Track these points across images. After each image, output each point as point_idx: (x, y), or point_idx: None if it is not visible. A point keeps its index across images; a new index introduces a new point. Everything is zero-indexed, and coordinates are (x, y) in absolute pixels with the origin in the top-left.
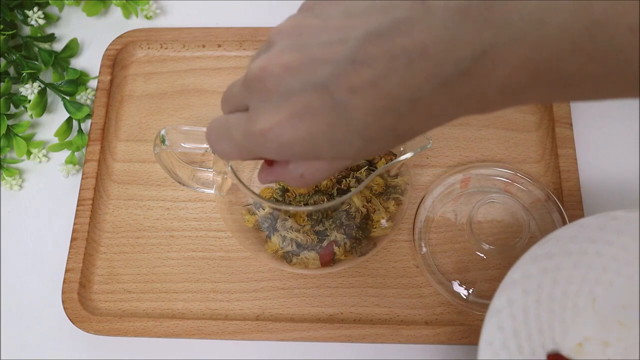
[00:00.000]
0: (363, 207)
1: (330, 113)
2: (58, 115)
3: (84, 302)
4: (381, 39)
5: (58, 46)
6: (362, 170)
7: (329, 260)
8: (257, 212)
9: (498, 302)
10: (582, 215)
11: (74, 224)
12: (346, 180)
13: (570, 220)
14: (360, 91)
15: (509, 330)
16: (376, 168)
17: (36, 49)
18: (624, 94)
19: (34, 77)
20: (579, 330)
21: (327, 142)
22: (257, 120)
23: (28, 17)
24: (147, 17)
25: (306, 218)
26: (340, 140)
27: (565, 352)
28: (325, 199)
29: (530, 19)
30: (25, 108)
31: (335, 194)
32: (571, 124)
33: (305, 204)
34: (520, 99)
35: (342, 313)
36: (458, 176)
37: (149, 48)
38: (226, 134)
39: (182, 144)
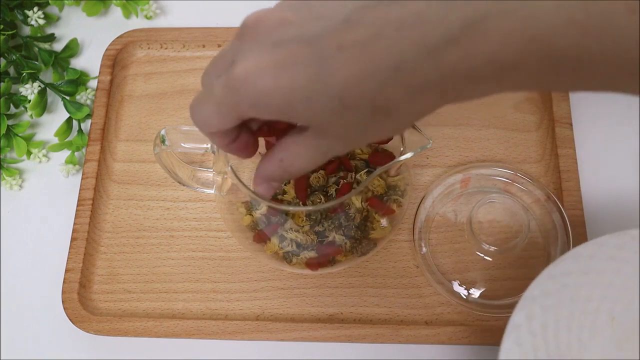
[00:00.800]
0: (363, 207)
1: (313, 67)
2: (58, 115)
3: (84, 302)
4: (379, 6)
5: (58, 46)
6: (362, 172)
7: (326, 262)
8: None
9: (517, 317)
10: (582, 215)
11: (74, 224)
12: (344, 181)
13: (570, 220)
14: (346, 50)
15: (527, 346)
16: (374, 169)
17: (36, 49)
18: (622, 83)
19: (34, 77)
20: (597, 348)
21: (303, 98)
22: (238, 65)
23: (28, 17)
24: (147, 17)
25: (305, 218)
26: (317, 98)
27: None
28: (323, 198)
29: None
30: (25, 108)
31: (334, 194)
32: (571, 124)
33: (304, 204)
34: (512, 79)
35: (342, 313)
36: (458, 176)
37: (149, 48)
38: (207, 94)
39: (182, 144)
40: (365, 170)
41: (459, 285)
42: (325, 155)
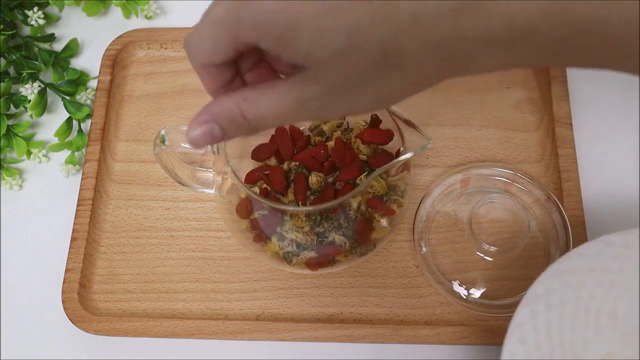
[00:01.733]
0: (363, 207)
1: (327, 1)
2: (58, 115)
3: (84, 302)
4: None
5: (58, 46)
6: (362, 176)
7: (326, 262)
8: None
9: (521, 314)
10: (582, 215)
11: (74, 224)
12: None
13: (570, 220)
14: None
15: (531, 344)
16: (373, 169)
17: (36, 49)
18: (633, 62)
19: (34, 77)
20: (600, 347)
21: (311, 26)
22: None
23: (28, 17)
24: (147, 17)
25: (305, 219)
26: (324, 31)
27: None
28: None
29: None
30: (25, 108)
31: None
32: (571, 124)
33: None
34: (525, 47)
35: (342, 313)
36: (458, 176)
37: (149, 48)
38: (203, 20)
39: (182, 144)
40: (365, 174)
41: (459, 285)
42: (302, 105)
